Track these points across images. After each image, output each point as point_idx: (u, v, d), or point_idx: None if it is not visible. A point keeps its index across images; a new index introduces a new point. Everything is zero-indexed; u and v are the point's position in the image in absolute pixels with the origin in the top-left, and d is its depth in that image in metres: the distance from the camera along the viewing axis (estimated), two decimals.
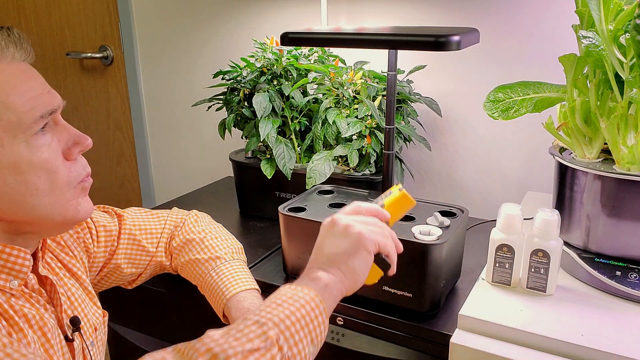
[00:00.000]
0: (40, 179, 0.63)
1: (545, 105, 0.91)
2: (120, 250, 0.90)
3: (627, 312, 0.78)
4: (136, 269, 0.92)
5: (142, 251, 0.92)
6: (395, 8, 1.35)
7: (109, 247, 0.89)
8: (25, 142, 0.62)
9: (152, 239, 0.93)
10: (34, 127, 0.62)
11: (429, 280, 0.84)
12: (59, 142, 0.66)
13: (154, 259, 0.93)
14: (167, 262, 0.94)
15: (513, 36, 1.24)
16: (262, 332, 0.58)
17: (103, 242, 0.88)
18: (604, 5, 0.79)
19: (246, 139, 1.24)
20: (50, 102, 0.64)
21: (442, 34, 0.82)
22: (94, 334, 0.77)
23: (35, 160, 0.62)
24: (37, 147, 0.63)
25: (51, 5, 1.99)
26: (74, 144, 0.68)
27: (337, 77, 1.18)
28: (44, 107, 0.63)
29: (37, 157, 0.63)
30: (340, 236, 0.70)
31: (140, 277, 0.95)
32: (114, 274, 0.91)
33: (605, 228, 0.84)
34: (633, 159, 0.80)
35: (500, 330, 0.76)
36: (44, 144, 0.64)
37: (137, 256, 0.92)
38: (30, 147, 0.62)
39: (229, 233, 0.98)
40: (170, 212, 0.99)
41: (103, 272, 0.89)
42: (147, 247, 0.92)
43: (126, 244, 0.91)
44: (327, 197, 1.03)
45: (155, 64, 1.84)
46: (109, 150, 2.06)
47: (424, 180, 1.44)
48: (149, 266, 0.93)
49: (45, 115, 0.63)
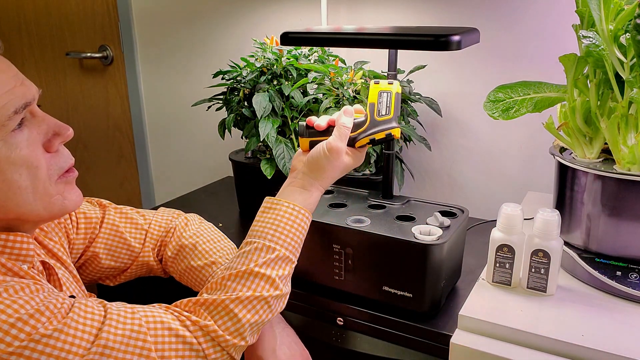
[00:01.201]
0: (21, 176, 0.62)
1: (545, 105, 0.91)
2: (100, 239, 0.88)
3: (627, 312, 0.78)
4: (115, 263, 0.90)
5: (123, 244, 0.90)
6: (395, 8, 1.35)
7: (89, 234, 0.87)
8: (3, 140, 0.60)
9: (135, 234, 0.91)
10: (10, 125, 0.60)
11: (429, 280, 0.84)
12: (38, 134, 0.64)
13: (140, 258, 0.91)
14: (156, 266, 0.93)
15: (513, 36, 1.24)
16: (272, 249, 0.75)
17: (83, 229, 0.87)
18: (604, 5, 0.79)
19: (246, 139, 1.24)
20: (24, 95, 0.62)
21: (442, 34, 0.82)
22: None
23: (14, 158, 0.61)
24: (15, 144, 0.61)
25: (51, 5, 1.99)
26: (54, 135, 0.66)
27: (337, 77, 1.18)
28: (17, 101, 0.61)
29: (16, 154, 0.61)
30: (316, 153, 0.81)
31: (124, 274, 0.92)
32: (92, 264, 0.89)
33: (605, 228, 0.84)
34: (633, 158, 0.80)
35: (500, 330, 0.76)
36: (22, 140, 0.62)
37: (117, 248, 0.89)
38: (7, 145, 0.61)
39: (220, 233, 0.96)
40: (156, 212, 0.97)
41: (81, 260, 0.88)
42: (129, 241, 0.90)
43: (107, 234, 0.89)
44: (327, 197, 1.03)
45: (155, 64, 1.84)
46: (109, 151, 2.06)
47: (424, 180, 1.44)
48: (134, 264, 0.91)
49: (20, 109, 0.61)
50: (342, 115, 0.82)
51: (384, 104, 0.83)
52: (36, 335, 0.56)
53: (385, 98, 0.83)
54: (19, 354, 0.55)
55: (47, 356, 0.57)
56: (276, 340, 0.80)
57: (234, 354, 0.72)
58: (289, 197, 0.80)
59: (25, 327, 0.56)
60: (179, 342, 0.67)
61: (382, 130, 0.82)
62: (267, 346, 0.79)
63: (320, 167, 0.80)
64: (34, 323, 0.57)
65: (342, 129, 0.80)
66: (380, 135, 0.82)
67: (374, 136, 0.82)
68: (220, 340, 0.69)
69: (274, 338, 0.80)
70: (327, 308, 0.94)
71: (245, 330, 0.71)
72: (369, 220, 0.90)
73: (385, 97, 0.83)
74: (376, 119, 0.82)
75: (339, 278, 0.91)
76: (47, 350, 0.57)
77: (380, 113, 0.82)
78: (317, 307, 0.95)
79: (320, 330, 0.95)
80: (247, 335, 0.72)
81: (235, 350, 0.71)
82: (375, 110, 0.83)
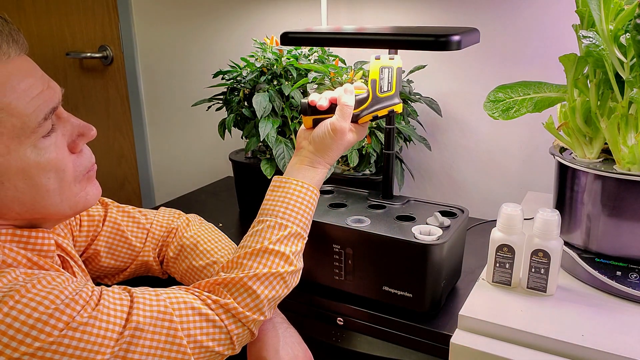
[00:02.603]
0: (50, 180, 0.63)
1: (545, 105, 0.91)
2: (102, 237, 0.88)
3: (627, 312, 0.78)
4: (116, 262, 0.90)
5: (124, 243, 0.90)
6: (395, 8, 1.35)
7: (91, 232, 0.88)
8: (32, 145, 0.61)
9: (137, 233, 0.91)
10: (40, 131, 0.61)
11: (429, 280, 0.84)
12: (63, 135, 0.65)
13: (140, 258, 0.91)
14: (156, 266, 0.93)
15: (513, 36, 1.24)
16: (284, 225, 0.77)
17: (86, 227, 0.87)
18: (604, 5, 0.79)
19: (246, 139, 1.24)
20: (51, 99, 0.63)
21: (442, 34, 0.82)
22: None
23: (43, 163, 0.62)
24: (44, 149, 0.62)
25: (51, 5, 1.99)
26: (79, 135, 0.67)
27: (337, 77, 1.18)
28: (46, 106, 0.62)
29: (45, 158, 0.62)
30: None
31: (123, 274, 0.93)
32: (93, 261, 0.89)
33: (605, 228, 0.84)
34: (633, 158, 0.80)
35: (500, 330, 0.76)
36: (50, 144, 0.63)
37: (118, 247, 0.90)
38: (37, 150, 0.61)
39: (221, 233, 0.97)
40: (157, 212, 0.97)
41: (82, 258, 0.88)
42: (131, 239, 0.90)
43: (109, 232, 0.89)
44: (327, 197, 1.03)
45: (155, 64, 1.84)
46: (109, 151, 2.06)
47: (424, 180, 1.44)
48: (134, 263, 0.91)
49: (49, 115, 0.62)
50: (343, 94, 0.83)
51: (385, 80, 0.83)
52: (73, 323, 0.58)
53: (386, 74, 0.83)
54: (59, 343, 0.57)
55: (86, 342, 0.58)
56: (279, 340, 0.81)
57: (254, 328, 0.75)
58: (297, 174, 0.82)
59: (62, 316, 0.57)
60: (203, 320, 0.69)
61: (384, 107, 0.82)
62: (271, 346, 0.79)
63: (326, 145, 0.82)
64: (70, 312, 0.58)
65: (345, 109, 0.82)
66: (383, 112, 0.83)
67: (377, 113, 0.83)
68: (241, 316, 0.72)
69: (277, 338, 0.81)
70: (327, 308, 0.94)
71: (264, 306, 0.74)
72: (369, 220, 0.90)
73: (387, 73, 0.83)
74: (378, 95, 0.83)
75: (339, 278, 0.92)
76: (85, 337, 0.58)
77: (382, 89, 0.83)
78: (317, 307, 0.95)
79: (320, 330, 0.95)
80: (265, 311, 0.74)
81: (254, 325, 0.75)
82: (377, 87, 0.83)
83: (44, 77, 0.64)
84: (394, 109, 0.83)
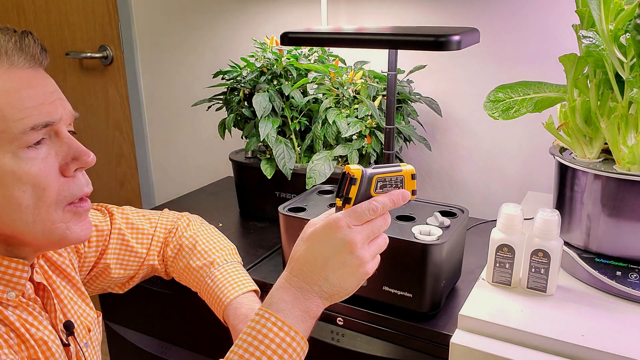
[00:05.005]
0: (24, 193, 0.59)
1: (545, 105, 0.91)
2: (110, 249, 0.88)
3: (627, 312, 0.78)
4: (125, 271, 0.90)
5: (130, 252, 0.90)
6: (395, 8, 1.35)
7: (100, 246, 0.87)
8: (12, 153, 0.58)
9: (142, 240, 0.91)
10: (24, 139, 0.58)
11: (429, 280, 0.84)
12: (56, 155, 0.62)
13: (146, 262, 0.91)
14: (160, 267, 0.93)
15: (513, 36, 1.24)
16: None
17: (94, 242, 0.86)
18: (604, 5, 0.79)
19: (246, 139, 1.24)
20: (49, 114, 0.60)
21: (442, 34, 0.82)
22: (88, 335, 0.75)
23: (20, 174, 0.59)
24: (25, 160, 0.59)
25: (51, 5, 1.99)
26: (73, 159, 0.63)
27: (337, 77, 1.18)
28: (39, 119, 0.59)
29: (24, 170, 0.59)
30: (349, 268, 0.64)
31: (133, 280, 0.93)
32: (102, 275, 0.88)
33: (605, 228, 0.84)
34: (633, 158, 0.80)
35: (500, 330, 0.76)
36: (35, 157, 0.59)
37: (125, 257, 0.89)
38: (17, 159, 0.58)
39: (221, 234, 0.97)
40: (161, 215, 0.97)
41: (93, 272, 0.88)
42: (136, 248, 0.90)
43: (115, 243, 0.89)
44: (327, 197, 1.03)
45: (155, 64, 1.84)
46: (109, 151, 2.06)
47: (424, 180, 1.44)
48: (141, 269, 0.92)
49: (38, 127, 0.59)
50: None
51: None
52: None
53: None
54: None
55: None
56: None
57: None
58: None
59: None
60: None
61: None
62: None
63: None
64: None
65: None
66: None
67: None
68: None
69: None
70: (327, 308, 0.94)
71: None
72: None
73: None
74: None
75: None
76: None
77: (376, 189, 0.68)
78: None
79: (320, 330, 0.95)
80: None
81: None
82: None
83: (54, 94, 0.62)
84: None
